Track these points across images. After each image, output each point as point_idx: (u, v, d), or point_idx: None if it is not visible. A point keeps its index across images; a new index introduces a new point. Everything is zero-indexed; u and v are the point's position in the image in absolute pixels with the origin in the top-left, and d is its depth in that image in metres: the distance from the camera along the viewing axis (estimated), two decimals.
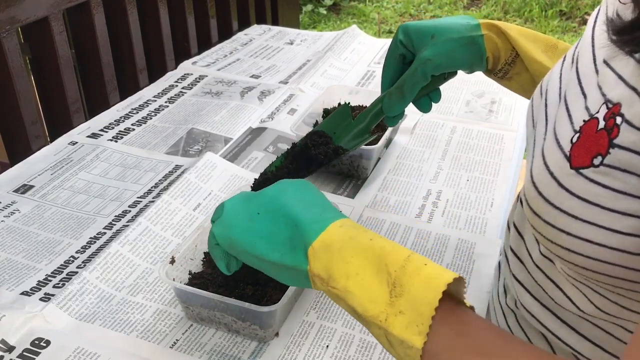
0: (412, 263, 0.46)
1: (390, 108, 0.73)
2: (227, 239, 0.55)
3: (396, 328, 0.44)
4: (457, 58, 0.70)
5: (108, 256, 0.78)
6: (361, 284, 0.46)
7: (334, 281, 0.47)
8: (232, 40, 1.52)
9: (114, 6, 1.27)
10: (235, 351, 0.67)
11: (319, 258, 0.49)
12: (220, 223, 0.56)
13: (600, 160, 0.42)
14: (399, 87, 0.72)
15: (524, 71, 0.72)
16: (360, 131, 0.76)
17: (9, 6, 1.01)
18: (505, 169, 1.00)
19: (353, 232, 0.50)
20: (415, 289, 0.44)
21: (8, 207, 0.89)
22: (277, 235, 0.52)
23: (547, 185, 0.46)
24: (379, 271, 0.46)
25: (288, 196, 0.54)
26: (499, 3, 4.13)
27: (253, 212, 0.54)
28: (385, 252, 0.47)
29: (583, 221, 0.43)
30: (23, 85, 1.06)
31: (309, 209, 0.53)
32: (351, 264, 0.47)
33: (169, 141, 1.07)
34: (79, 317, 0.70)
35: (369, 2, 4.22)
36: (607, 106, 0.43)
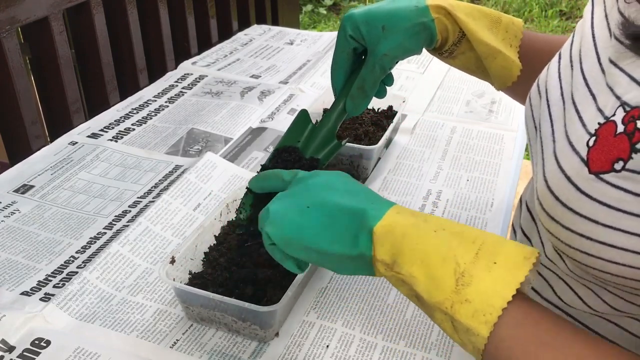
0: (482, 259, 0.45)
1: (356, 109, 0.71)
2: (283, 238, 0.53)
3: (462, 315, 0.44)
4: (410, 46, 0.68)
5: (108, 256, 0.78)
6: (426, 271, 0.46)
7: (399, 266, 0.48)
8: (232, 40, 1.52)
9: (114, 6, 1.27)
10: (235, 351, 0.67)
11: (383, 243, 0.48)
12: (271, 224, 0.54)
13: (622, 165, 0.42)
14: (359, 87, 0.70)
15: (469, 50, 0.71)
16: (326, 136, 0.73)
17: (9, 6, 1.01)
18: (505, 169, 1.00)
19: (412, 219, 0.49)
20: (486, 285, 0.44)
21: (8, 207, 0.89)
22: (334, 226, 0.51)
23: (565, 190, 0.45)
24: (446, 259, 0.46)
25: (333, 186, 0.54)
26: (499, 3, 4.13)
27: (302, 207, 0.53)
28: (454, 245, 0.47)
29: (605, 226, 0.43)
30: (23, 85, 1.06)
31: (358, 196, 0.53)
32: (416, 251, 0.47)
33: (169, 141, 1.07)
34: (79, 317, 0.70)
35: (369, 2, 4.22)
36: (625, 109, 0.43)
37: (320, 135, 0.73)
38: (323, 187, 0.54)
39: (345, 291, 0.75)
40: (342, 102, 0.72)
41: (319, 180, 0.55)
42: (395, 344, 0.68)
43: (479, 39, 0.69)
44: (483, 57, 0.70)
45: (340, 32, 0.70)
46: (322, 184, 0.54)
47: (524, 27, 0.73)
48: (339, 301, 0.74)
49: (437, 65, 1.34)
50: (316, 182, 0.55)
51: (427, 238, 0.48)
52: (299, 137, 0.73)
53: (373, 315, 0.72)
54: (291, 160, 0.71)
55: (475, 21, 0.69)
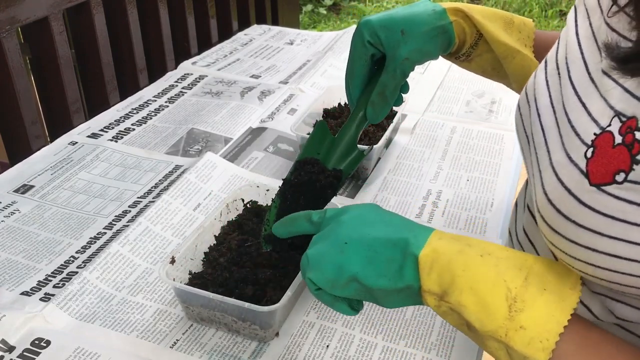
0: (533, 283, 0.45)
1: (377, 116, 0.69)
2: (328, 281, 0.52)
3: (517, 343, 0.43)
4: (430, 50, 0.67)
5: (108, 256, 0.78)
6: (476, 298, 0.46)
7: (447, 295, 0.47)
8: (232, 40, 1.52)
9: (114, 6, 1.27)
10: (235, 351, 0.67)
11: (429, 272, 0.48)
12: (312, 268, 0.52)
13: (624, 177, 0.42)
14: (380, 93, 0.67)
15: (486, 52, 0.71)
16: (347, 145, 0.70)
17: (9, 6, 1.01)
18: (505, 169, 1.00)
19: (456, 245, 0.49)
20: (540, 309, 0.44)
21: (8, 207, 0.89)
22: (376, 259, 0.50)
23: (566, 203, 0.45)
24: (496, 285, 0.45)
25: (366, 219, 0.53)
26: (499, 3, 4.13)
27: (340, 245, 0.52)
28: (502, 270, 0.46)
29: (609, 237, 0.43)
30: (23, 85, 1.06)
31: (394, 225, 0.52)
32: (464, 278, 0.46)
33: (169, 141, 1.07)
34: (79, 317, 0.70)
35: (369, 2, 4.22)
36: (620, 119, 0.43)
37: (341, 146, 0.70)
38: (357, 221, 0.53)
39: None
40: (362, 110, 0.69)
41: (351, 216, 0.54)
42: (395, 344, 0.68)
43: (498, 39, 0.69)
44: (502, 57, 0.70)
45: (357, 39, 0.68)
46: (355, 218, 0.53)
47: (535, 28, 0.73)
48: None
49: (437, 65, 1.34)
50: (349, 218, 0.54)
51: (474, 264, 0.47)
52: (318, 149, 0.71)
53: (373, 315, 0.72)
54: (315, 171, 0.68)
55: (491, 23, 0.69)
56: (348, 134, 0.70)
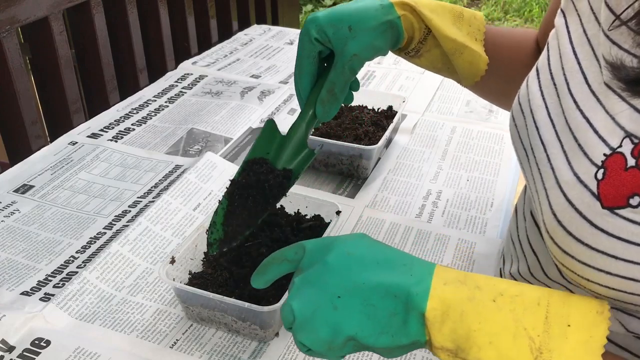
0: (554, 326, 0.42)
1: (327, 114, 0.67)
2: (322, 344, 0.46)
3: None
4: (379, 46, 0.65)
5: (108, 256, 0.78)
6: (498, 353, 0.42)
7: (464, 352, 0.43)
8: (232, 40, 1.52)
9: (114, 6, 1.27)
10: (235, 351, 0.67)
11: (439, 329, 0.44)
12: (303, 329, 0.46)
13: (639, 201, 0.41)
14: (329, 90, 0.65)
15: (435, 47, 0.69)
16: (298, 145, 0.68)
17: (9, 6, 1.01)
18: (505, 169, 1.00)
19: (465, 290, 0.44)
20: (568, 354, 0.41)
21: (8, 207, 0.89)
22: (376, 315, 0.45)
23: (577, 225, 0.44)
24: (517, 336, 0.42)
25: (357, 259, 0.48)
26: (499, 3, 4.13)
27: (332, 298, 0.46)
28: (518, 315, 0.43)
29: (625, 261, 0.42)
30: (23, 85, 1.06)
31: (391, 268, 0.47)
32: (481, 332, 0.43)
33: (169, 141, 1.07)
34: (79, 317, 0.70)
35: None
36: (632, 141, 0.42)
37: (291, 145, 0.68)
38: (348, 264, 0.47)
39: None
40: (312, 108, 0.67)
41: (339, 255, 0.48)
42: None
43: (445, 34, 0.67)
44: (449, 53, 0.68)
45: (304, 36, 0.65)
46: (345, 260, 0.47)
47: (485, 22, 0.72)
48: None
49: None
50: (337, 259, 0.48)
51: (489, 313, 0.43)
52: (268, 148, 0.69)
53: None
54: (263, 171, 0.67)
55: (439, 17, 0.68)
56: (298, 132, 0.68)
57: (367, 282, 0.46)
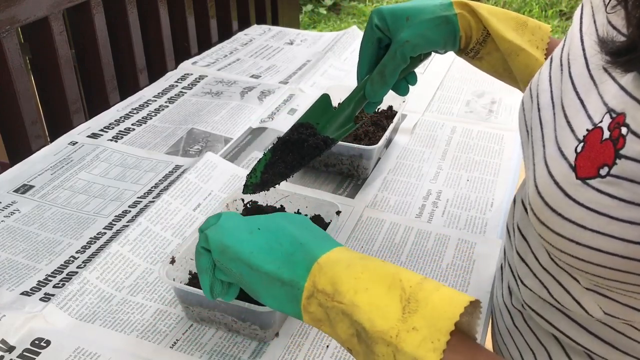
0: (429, 282, 0.45)
1: (374, 93, 0.73)
2: (220, 245, 0.52)
3: (408, 345, 0.42)
4: (432, 38, 0.70)
5: (108, 256, 0.78)
6: (371, 299, 0.45)
7: (340, 295, 0.46)
8: (232, 40, 1.52)
9: (114, 6, 1.27)
10: (235, 351, 0.67)
11: (325, 273, 0.47)
12: (216, 229, 0.53)
13: (607, 171, 0.42)
14: (379, 72, 0.72)
15: (495, 51, 0.73)
16: (345, 120, 0.75)
17: (9, 6, 1.01)
18: (505, 169, 1.00)
19: (361, 255, 0.49)
20: (434, 304, 0.43)
21: (8, 207, 0.89)
22: (276, 250, 0.50)
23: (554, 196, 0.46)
24: (392, 287, 0.45)
25: (291, 222, 0.54)
26: (499, 3, 4.13)
27: (253, 227, 0.53)
28: (399, 271, 0.46)
29: (592, 231, 0.43)
30: (23, 85, 1.06)
31: (313, 235, 0.52)
32: (361, 280, 0.46)
33: (169, 141, 1.07)
34: (79, 317, 0.70)
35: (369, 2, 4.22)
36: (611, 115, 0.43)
37: (339, 119, 0.75)
38: (282, 218, 0.54)
39: None
40: (363, 89, 0.74)
41: (279, 214, 0.55)
42: None
43: (502, 35, 0.70)
44: (506, 54, 0.72)
45: (368, 24, 0.72)
46: (282, 216, 0.55)
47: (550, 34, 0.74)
48: None
49: (437, 65, 1.35)
50: (276, 215, 0.55)
51: (374, 267, 0.47)
52: (318, 118, 0.76)
53: None
54: (307, 134, 0.73)
55: (499, 20, 0.71)
56: (347, 109, 0.75)
57: (286, 229, 0.52)
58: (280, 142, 0.74)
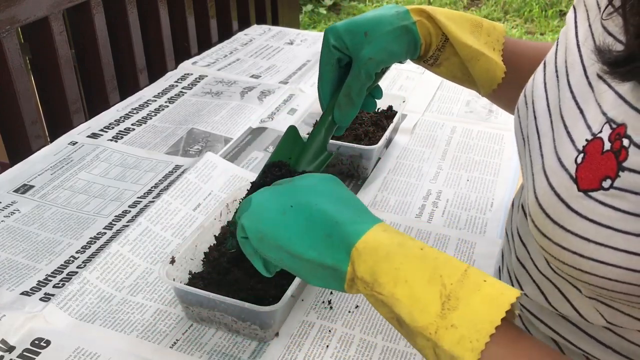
0: (471, 278, 0.44)
1: (344, 118, 0.69)
2: (258, 232, 0.51)
3: (446, 342, 0.42)
4: (395, 50, 0.67)
5: (108, 256, 0.78)
6: (411, 292, 0.44)
7: (380, 286, 0.46)
8: (232, 40, 1.52)
9: (114, 6, 1.27)
10: (235, 351, 0.67)
11: (365, 260, 0.46)
12: (249, 215, 0.52)
13: (610, 184, 0.42)
14: (346, 94, 0.68)
15: (453, 56, 0.70)
16: (318, 149, 0.71)
17: (9, 6, 1.01)
18: (505, 169, 1.00)
19: (400, 238, 0.48)
20: (475, 305, 0.42)
21: (8, 207, 0.89)
22: (314, 232, 0.49)
23: (555, 208, 0.45)
24: (432, 281, 0.44)
25: (321, 191, 0.52)
26: (499, 3, 4.13)
27: (285, 206, 0.51)
28: (440, 264, 0.45)
29: (596, 243, 0.43)
30: (23, 85, 1.06)
31: (345, 206, 0.51)
32: (400, 271, 0.45)
33: (169, 141, 1.07)
34: (79, 317, 0.70)
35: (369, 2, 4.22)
36: (611, 126, 0.43)
37: (311, 150, 0.71)
38: (311, 189, 0.53)
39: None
40: (331, 114, 0.70)
41: (307, 182, 0.54)
42: (395, 344, 0.68)
43: (461, 41, 0.68)
44: (466, 60, 0.69)
45: (324, 45, 0.69)
46: (311, 186, 0.53)
47: (505, 33, 0.72)
48: (339, 301, 0.74)
49: None
50: (304, 184, 0.53)
51: (413, 258, 0.46)
52: (289, 153, 0.72)
53: (373, 315, 0.72)
54: (282, 174, 0.70)
55: (456, 25, 0.69)
56: (318, 137, 0.71)
57: (319, 204, 0.50)
58: (256, 187, 0.70)
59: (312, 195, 0.52)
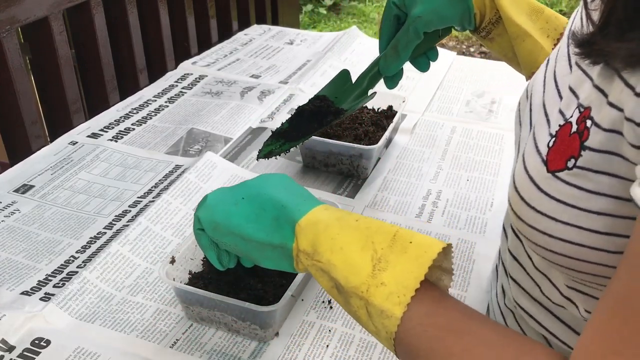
0: (398, 241, 0.48)
1: (387, 68, 0.75)
2: (212, 222, 0.56)
3: (377, 298, 0.46)
4: (445, 14, 0.71)
5: (108, 256, 0.78)
6: (345, 258, 0.48)
7: (319, 255, 0.49)
8: (232, 40, 1.52)
9: (114, 6, 1.27)
10: (235, 351, 0.67)
11: (305, 234, 0.51)
12: (204, 208, 0.57)
13: (574, 163, 0.43)
14: (393, 46, 0.73)
15: (506, 33, 0.73)
16: (360, 94, 0.78)
17: (9, 6, 1.01)
18: (505, 169, 1.00)
19: (338, 214, 0.52)
20: (401, 265, 0.46)
21: (8, 207, 0.89)
22: (263, 217, 0.54)
23: (527, 189, 0.47)
24: (364, 247, 0.48)
25: (271, 184, 0.56)
26: None
27: (237, 198, 0.56)
28: (372, 232, 0.49)
29: (562, 223, 0.44)
30: (23, 85, 1.06)
31: (293, 195, 0.55)
32: (336, 240, 0.49)
33: (169, 141, 1.07)
34: (79, 317, 0.70)
35: (369, 2, 4.22)
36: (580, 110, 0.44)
37: (354, 93, 0.78)
38: (262, 183, 0.57)
39: None
40: (377, 65, 0.76)
41: (260, 179, 0.58)
42: None
43: (511, 18, 0.71)
44: (512, 37, 0.72)
45: (387, 1, 0.75)
46: (262, 180, 0.58)
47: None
48: None
49: (437, 66, 1.34)
50: (256, 180, 0.58)
51: (348, 228, 0.50)
52: (335, 92, 0.80)
53: None
54: (322, 106, 0.78)
55: (512, 3, 0.72)
56: (362, 83, 0.78)
57: (268, 194, 0.55)
58: (297, 111, 0.80)
59: (262, 187, 0.56)
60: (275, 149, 0.78)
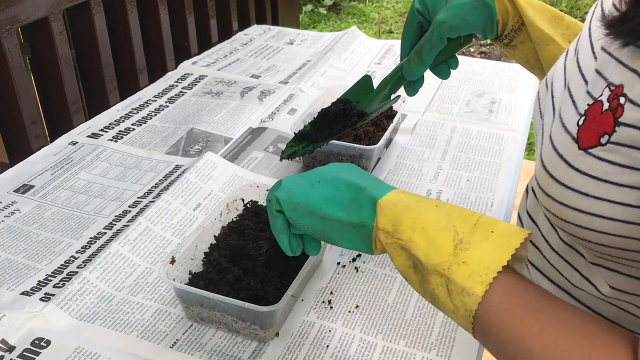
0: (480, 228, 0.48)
1: (411, 72, 0.75)
2: (291, 203, 0.56)
3: (458, 276, 0.46)
4: (469, 20, 0.72)
5: (108, 256, 0.78)
6: (427, 236, 0.49)
7: (399, 233, 0.50)
8: (232, 40, 1.52)
9: (114, 6, 1.27)
10: (235, 351, 0.67)
11: (386, 213, 0.51)
12: (282, 190, 0.58)
13: (607, 139, 0.44)
14: (417, 52, 0.74)
15: (528, 40, 0.75)
16: (382, 98, 0.79)
17: (9, 6, 1.01)
18: (505, 169, 1.00)
19: (417, 197, 0.53)
20: (484, 248, 0.47)
21: (8, 207, 0.89)
22: (341, 198, 0.55)
23: (557, 167, 0.48)
24: (445, 228, 0.49)
25: (344, 170, 0.58)
26: None
27: (313, 181, 0.57)
28: (453, 217, 0.50)
29: (594, 198, 0.46)
30: (23, 85, 1.06)
31: (367, 179, 0.56)
32: (418, 220, 0.50)
33: (169, 141, 1.07)
34: (79, 317, 0.70)
35: (369, 2, 4.22)
36: (610, 89, 0.45)
37: (377, 97, 0.79)
38: (334, 169, 0.58)
39: (345, 291, 0.75)
40: (401, 70, 0.77)
41: (330, 165, 0.59)
42: (395, 344, 0.68)
43: (535, 24, 0.72)
44: (536, 42, 0.73)
45: (410, 8, 0.76)
46: (334, 167, 0.59)
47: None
48: (339, 301, 0.74)
49: None
50: (327, 167, 0.59)
51: (429, 210, 0.50)
52: (357, 97, 0.81)
53: (373, 315, 0.72)
54: (345, 108, 0.79)
55: (535, 10, 0.73)
56: (385, 88, 0.79)
57: (343, 177, 0.56)
58: (321, 113, 0.82)
59: (336, 172, 0.58)
60: (299, 150, 0.79)
